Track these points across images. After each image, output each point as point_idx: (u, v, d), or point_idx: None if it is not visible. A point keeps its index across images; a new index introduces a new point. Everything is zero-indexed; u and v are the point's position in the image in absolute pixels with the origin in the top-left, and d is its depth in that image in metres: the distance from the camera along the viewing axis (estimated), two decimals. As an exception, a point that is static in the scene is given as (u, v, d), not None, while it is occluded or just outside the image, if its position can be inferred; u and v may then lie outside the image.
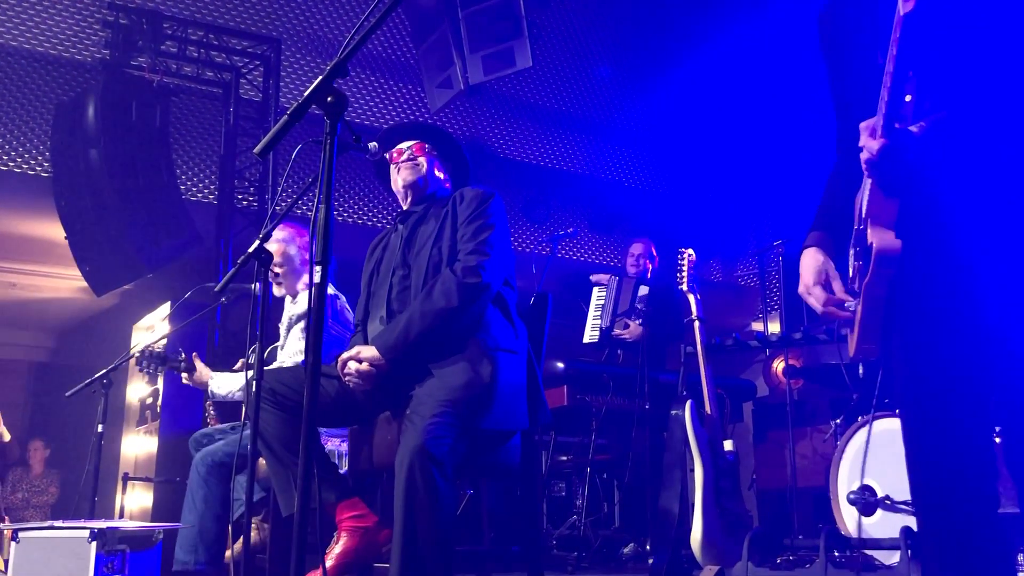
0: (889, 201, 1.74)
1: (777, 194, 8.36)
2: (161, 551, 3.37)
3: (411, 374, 2.65)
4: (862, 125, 1.71)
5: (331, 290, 3.82)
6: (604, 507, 5.35)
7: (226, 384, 3.83)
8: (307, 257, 3.80)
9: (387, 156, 3.00)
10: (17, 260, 8.26)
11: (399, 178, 2.99)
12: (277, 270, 3.87)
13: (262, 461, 2.84)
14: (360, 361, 2.64)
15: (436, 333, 2.61)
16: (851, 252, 1.91)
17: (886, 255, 1.73)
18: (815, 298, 1.90)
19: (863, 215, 1.80)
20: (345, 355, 2.68)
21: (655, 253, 5.98)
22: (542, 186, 8.57)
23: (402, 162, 2.98)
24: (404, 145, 3.00)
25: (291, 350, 3.76)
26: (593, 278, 6.03)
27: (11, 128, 6.59)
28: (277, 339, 4.00)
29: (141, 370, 4.11)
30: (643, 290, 5.66)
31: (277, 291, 3.92)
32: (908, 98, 1.64)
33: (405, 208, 3.02)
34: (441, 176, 3.03)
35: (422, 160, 2.99)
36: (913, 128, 1.68)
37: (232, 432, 3.91)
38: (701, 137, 8.25)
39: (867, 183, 1.76)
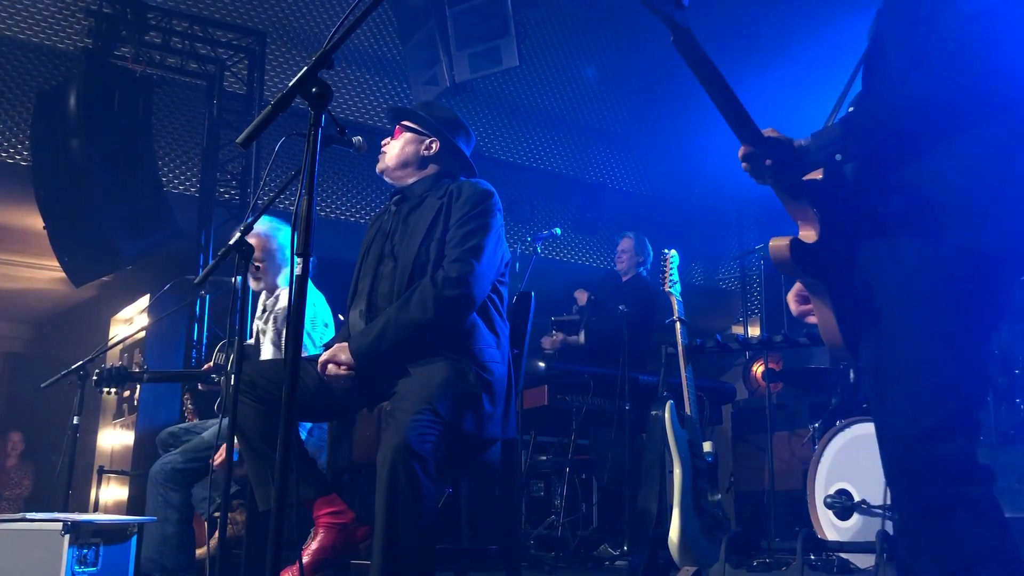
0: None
1: (760, 198, 8.39)
2: (135, 545, 3.34)
3: (393, 372, 2.63)
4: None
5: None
6: (583, 507, 5.36)
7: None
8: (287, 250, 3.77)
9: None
10: (-6, 249, 8.18)
11: (381, 159, 2.94)
12: (257, 264, 3.84)
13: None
14: (339, 364, 2.62)
15: (410, 343, 2.59)
16: None
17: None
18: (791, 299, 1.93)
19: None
20: (324, 356, 2.66)
21: (641, 248, 5.88)
22: (526, 185, 8.57)
23: (385, 146, 2.94)
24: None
25: (281, 343, 3.74)
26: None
27: (-10, 116, 6.52)
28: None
29: (100, 392, 4.07)
30: (581, 298, 5.72)
31: (254, 285, 3.88)
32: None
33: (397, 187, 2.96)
34: (428, 154, 2.91)
35: (404, 143, 2.90)
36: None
37: (197, 432, 3.86)
38: (686, 140, 8.27)
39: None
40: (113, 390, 4.11)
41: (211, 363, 4.37)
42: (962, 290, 1.64)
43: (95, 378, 4.01)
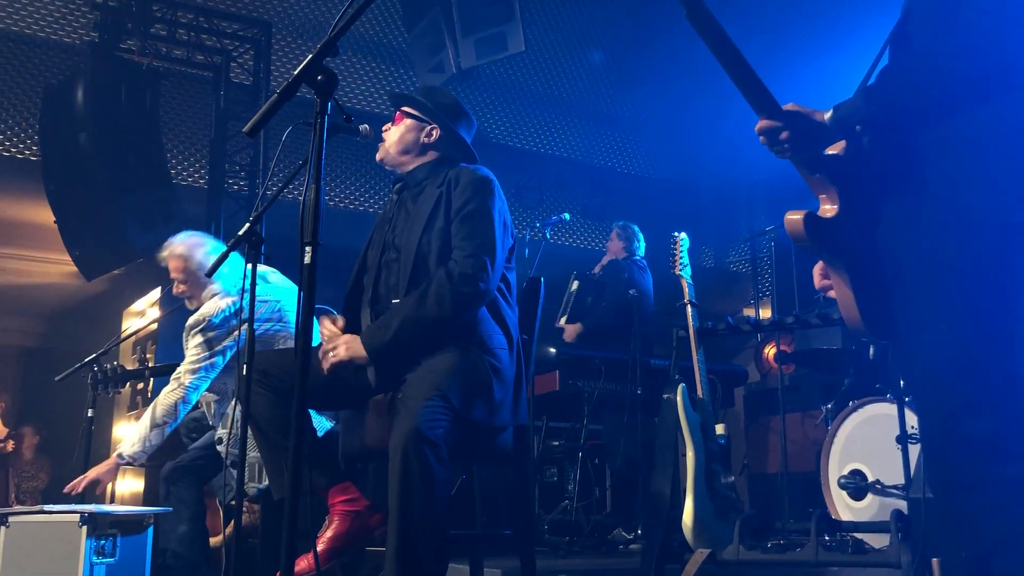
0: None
1: (770, 179, 8.35)
2: (152, 535, 3.37)
3: (403, 360, 2.64)
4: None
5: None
6: (596, 492, 5.37)
7: (134, 435, 3.59)
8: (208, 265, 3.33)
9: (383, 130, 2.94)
10: (6, 245, 8.21)
11: (380, 146, 2.92)
12: (182, 287, 3.76)
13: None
14: (353, 359, 2.59)
15: (427, 339, 2.58)
16: None
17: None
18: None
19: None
20: (328, 346, 2.64)
21: (625, 236, 5.98)
22: (535, 171, 8.56)
23: (385, 132, 2.92)
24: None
25: (189, 358, 3.65)
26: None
27: (0, 112, 6.54)
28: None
29: (98, 394, 4.05)
30: (573, 286, 5.73)
31: (189, 305, 3.83)
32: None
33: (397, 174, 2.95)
34: (428, 141, 2.87)
35: (404, 129, 2.87)
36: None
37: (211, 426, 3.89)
38: (694, 122, 8.24)
39: None
40: (119, 390, 4.12)
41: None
42: (988, 260, 1.58)
43: (90, 382, 3.98)
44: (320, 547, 2.59)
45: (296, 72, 1.54)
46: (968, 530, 1.57)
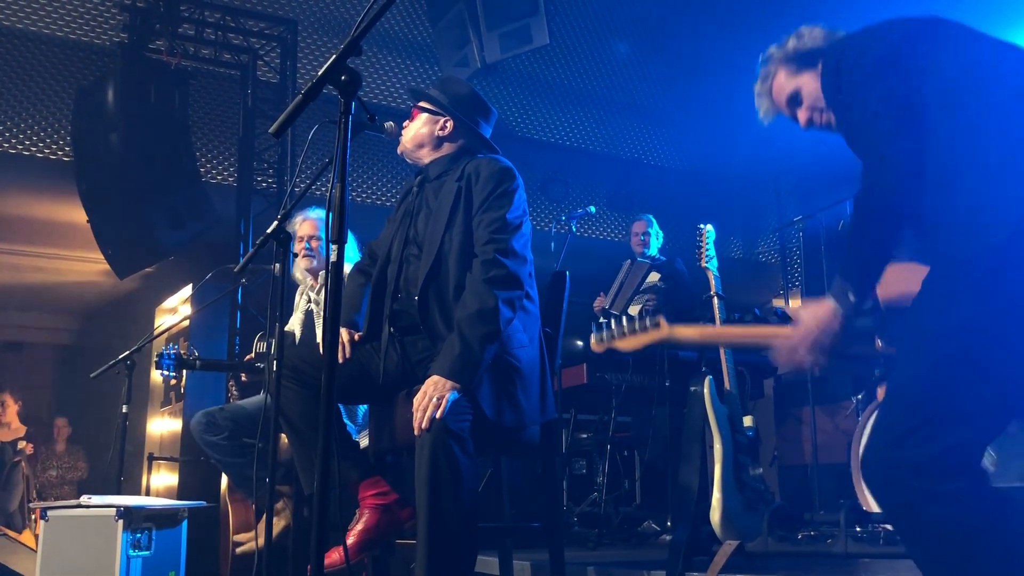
0: None
1: (798, 167, 8.29)
2: (186, 529, 3.42)
3: (429, 356, 2.66)
4: None
5: None
6: (624, 484, 5.37)
7: None
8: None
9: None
10: (41, 244, 8.35)
11: (400, 141, 2.93)
12: (313, 243, 4.03)
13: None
14: (439, 400, 2.42)
15: (489, 333, 2.51)
16: None
17: None
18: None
19: None
20: (418, 405, 2.44)
21: (658, 229, 5.97)
22: (560, 164, 8.54)
23: (404, 128, 2.95)
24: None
25: None
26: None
27: (33, 114, 6.65)
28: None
29: (163, 374, 4.20)
30: (653, 276, 5.62)
31: (306, 264, 4.01)
32: None
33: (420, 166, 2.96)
34: (443, 134, 2.89)
35: (419, 124, 2.90)
36: None
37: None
38: (721, 113, 8.17)
39: None
40: (171, 375, 4.25)
41: (252, 353, 4.47)
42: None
43: (156, 359, 4.16)
44: (350, 540, 2.62)
45: (320, 73, 1.55)
46: (925, 542, 1.72)
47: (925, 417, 1.70)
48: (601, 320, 5.64)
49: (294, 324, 4.06)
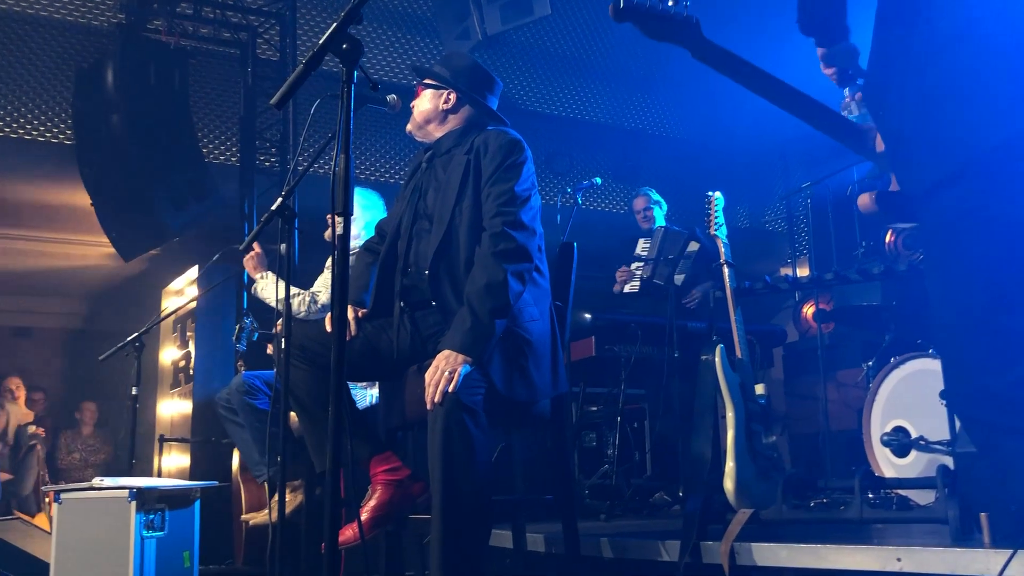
0: None
1: (804, 136, 8.20)
2: (199, 509, 3.43)
3: (439, 331, 2.64)
4: None
5: None
6: (636, 456, 5.36)
7: (269, 289, 4.09)
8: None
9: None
10: (45, 229, 8.34)
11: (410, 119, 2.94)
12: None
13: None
14: (451, 374, 2.42)
15: (499, 306, 2.50)
16: None
17: None
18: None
19: None
20: (430, 379, 2.44)
21: (660, 198, 5.92)
22: (564, 137, 8.47)
23: (412, 106, 2.94)
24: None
25: None
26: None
27: (33, 97, 6.61)
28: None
29: (240, 347, 4.28)
30: (693, 246, 5.54)
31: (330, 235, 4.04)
32: None
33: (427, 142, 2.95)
34: (447, 107, 2.88)
35: (424, 100, 2.90)
36: None
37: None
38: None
39: None
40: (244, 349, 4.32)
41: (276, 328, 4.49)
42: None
43: (239, 333, 4.22)
44: (364, 516, 2.62)
45: (321, 41, 1.52)
46: (1013, 481, 1.60)
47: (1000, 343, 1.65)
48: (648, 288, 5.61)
49: (320, 285, 4.12)
